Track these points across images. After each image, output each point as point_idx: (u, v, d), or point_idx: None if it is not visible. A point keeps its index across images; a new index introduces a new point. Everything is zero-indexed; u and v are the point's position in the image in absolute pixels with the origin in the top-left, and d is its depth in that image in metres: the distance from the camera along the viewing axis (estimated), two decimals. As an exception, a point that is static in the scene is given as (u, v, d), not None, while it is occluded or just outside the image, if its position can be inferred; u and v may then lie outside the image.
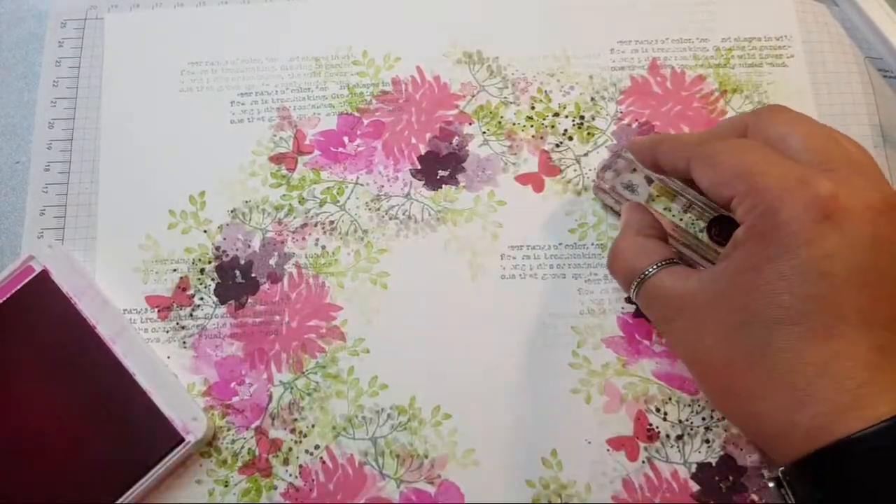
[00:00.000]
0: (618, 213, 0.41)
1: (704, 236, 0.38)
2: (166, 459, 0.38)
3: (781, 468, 0.32)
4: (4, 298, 0.40)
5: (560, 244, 0.42)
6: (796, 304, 0.30)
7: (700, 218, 0.38)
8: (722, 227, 0.37)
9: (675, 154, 0.36)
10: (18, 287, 0.41)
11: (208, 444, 0.39)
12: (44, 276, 0.41)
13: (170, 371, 0.40)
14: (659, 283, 0.35)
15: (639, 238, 0.37)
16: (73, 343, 0.40)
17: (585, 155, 0.44)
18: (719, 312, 0.32)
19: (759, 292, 0.30)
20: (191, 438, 0.38)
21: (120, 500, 0.37)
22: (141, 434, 0.38)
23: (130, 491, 0.37)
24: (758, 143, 0.33)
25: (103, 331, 0.40)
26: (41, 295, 0.41)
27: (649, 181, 0.40)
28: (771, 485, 0.36)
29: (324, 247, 0.42)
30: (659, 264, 0.35)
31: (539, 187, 0.43)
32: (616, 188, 0.40)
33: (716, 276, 0.33)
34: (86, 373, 0.39)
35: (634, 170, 0.40)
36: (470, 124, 0.44)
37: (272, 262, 0.42)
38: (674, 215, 0.39)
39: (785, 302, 0.30)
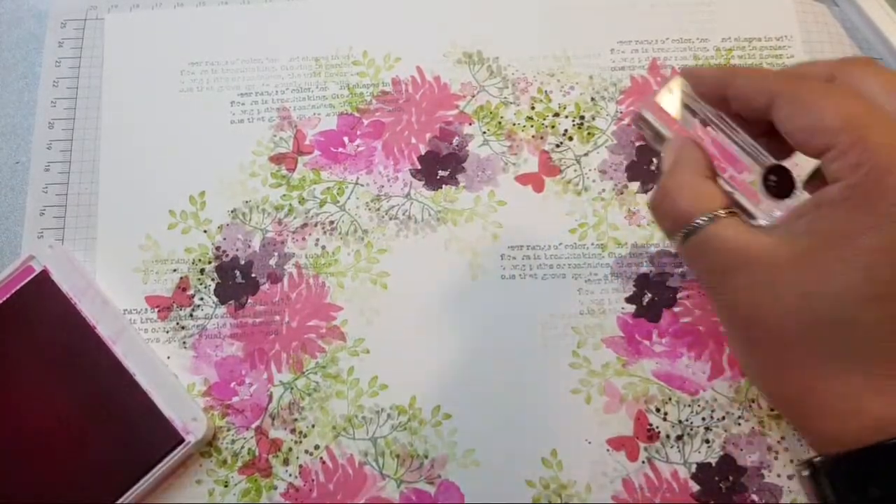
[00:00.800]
0: (656, 148, 0.36)
1: (759, 185, 0.33)
2: (166, 460, 0.38)
3: (819, 457, 0.29)
4: (4, 298, 0.40)
5: (560, 244, 0.42)
6: None
7: (754, 166, 0.33)
8: (780, 177, 0.32)
9: (755, 87, 0.31)
10: (18, 287, 0.41)
11: (208, 444, 0.39)
12: (44, 276, 0.41)
13: (170, 371, 0.40)
14: (719, 233, 0.30)
15: (696, 178, 0.32)
16: (73, 343, 0.40)
17: (585, 155, 0.44)
18: (799, 276, 0.28)
19: (855, 262, 0.27)
20: (191, 439, 0.38)
21: (120, 501, 0.37)
22: (141, 434, 0.38)
23: (131, 491, 0.37)
24: (857, 93, 0.29)
25: (103, 331, 0.40)
26: (41, 295, 0.41)
27: (696, 115, 0.34)
28: (804, 473, 0.30)
29: (324, 247, 0.42)
30: (716, 213, 0.31)
31: (539, 187, 0.43)
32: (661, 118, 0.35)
33: (797, 235, 0.29)
34: (86, 373, 0.39)
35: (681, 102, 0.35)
36: (470, 124, 0.44)
37: (272, 262, 0.42)
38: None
39: (884, 276, 0.27)
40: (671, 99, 0.35)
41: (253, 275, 0.42)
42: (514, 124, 0.44)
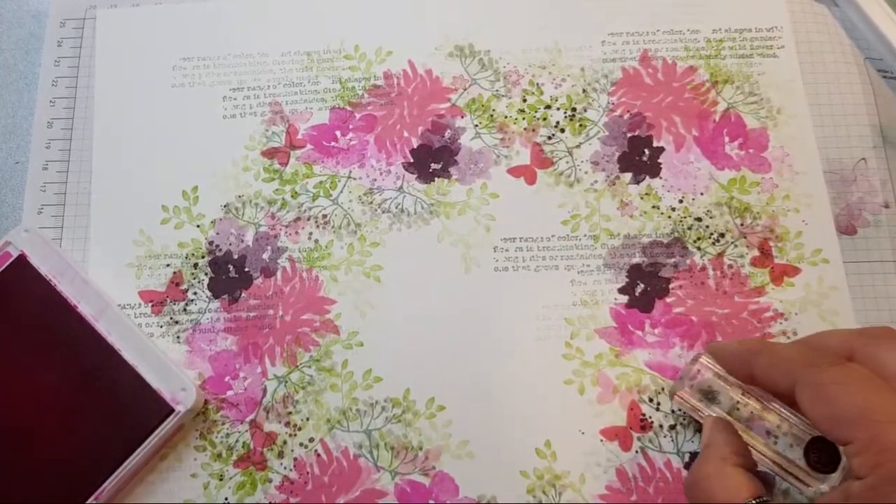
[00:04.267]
0: (698, 423, 0.38)
1: (801, 460, 0.33)
2: (158, 431, 0.38)
3: None
4: (-18, 285, 0.40)
5: (552, 236, 0.42)
6: None
7: (794, 437, 0.34)
8: (822, 451, 0.33)
9: (777, 371, 0.32)
10: (-4, 273, 0.41)
11: (203, 438, 0.39)
12: (21, 260, 0.41)
13: (154, 344, 0.40)
14: None
15: (726, 467, 0.33)
16: (56, 324, 0.40)
17: (577, 147, 0.44)
18: None
19: None
20: (181, 409, 0.38)
21: (115, 474, 0.37)
22: (131, 409, 0.38)
23: (125, 464, 0.37)
24: (874, 377, 0.29)
25: (85, 309, 0.40)
26: (20, 279, 0.40)
27: (733, 390, 0.36)
28: None
29: (317, 241, 0.43)
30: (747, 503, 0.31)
31: (531, 179, 0.43)
32: (695, 397, 0.37)
33: None
34: (71, 352, 0.39)
35: (717, 375, 0.36)
36: (462, 117, 0.44)
37: (265, 256, 0.42)
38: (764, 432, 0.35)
39: None
40: (701, 375, 0.36)
41: (246, 269, 0.42)
42: (505, 117, 0.44)
